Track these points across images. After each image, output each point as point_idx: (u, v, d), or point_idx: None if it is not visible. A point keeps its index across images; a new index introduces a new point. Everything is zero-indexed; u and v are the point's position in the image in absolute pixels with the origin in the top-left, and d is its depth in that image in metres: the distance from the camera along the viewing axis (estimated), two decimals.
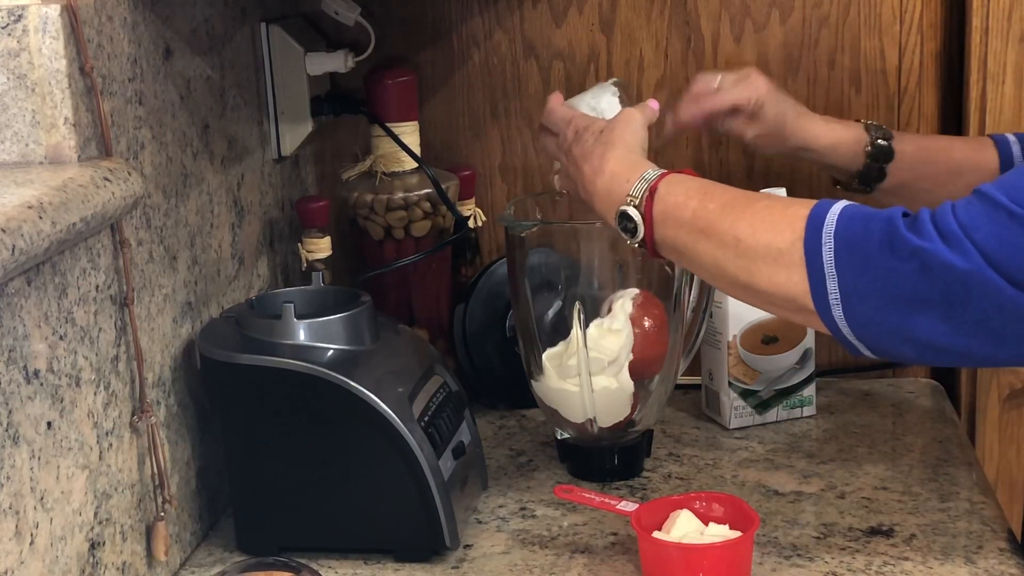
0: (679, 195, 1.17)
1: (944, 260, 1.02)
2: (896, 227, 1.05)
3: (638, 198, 1.18)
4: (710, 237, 1.14)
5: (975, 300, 1.02)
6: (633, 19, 1.65)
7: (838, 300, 1.07)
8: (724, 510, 1.22)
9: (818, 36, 1.63)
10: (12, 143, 1.04)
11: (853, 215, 1.08)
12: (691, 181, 1.19)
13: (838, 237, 1.06)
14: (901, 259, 1.04)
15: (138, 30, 1.19)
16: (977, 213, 1.03)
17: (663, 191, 1.17)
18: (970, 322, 1.03)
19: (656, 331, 1.39)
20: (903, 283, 1.04)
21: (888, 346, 1.08)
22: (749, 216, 1.13)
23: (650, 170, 1.20)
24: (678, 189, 1.17)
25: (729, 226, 1.13)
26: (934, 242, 1.03)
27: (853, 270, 1.06)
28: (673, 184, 1.18)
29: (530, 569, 1.25)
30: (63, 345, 1.04)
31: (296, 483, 1.27)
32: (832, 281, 1.06)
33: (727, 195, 1.16)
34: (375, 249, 1.59)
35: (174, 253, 1.27)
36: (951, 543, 1.26)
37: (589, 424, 1.41)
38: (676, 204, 1.16)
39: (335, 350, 1.26)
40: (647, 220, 1.17)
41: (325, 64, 1.56)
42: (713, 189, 1.17)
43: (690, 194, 1.16)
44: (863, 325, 1.07)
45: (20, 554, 0.97)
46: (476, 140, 1.71)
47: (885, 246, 1.04)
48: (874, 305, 1.05)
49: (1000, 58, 1.56)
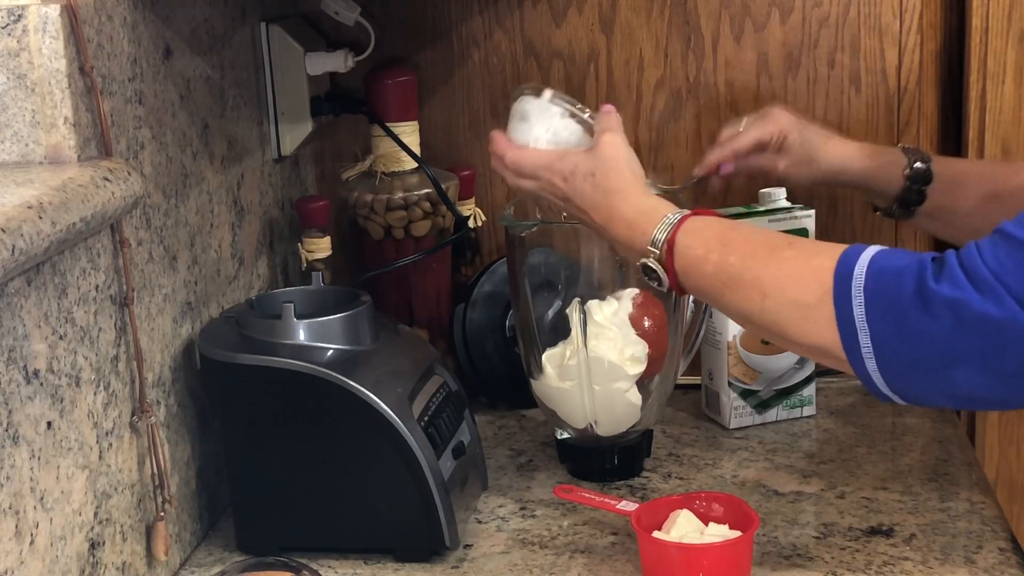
0: (698, 247, 1.13)
1: (978, 311, 0.98)
2: (926, 278, 1.01)
3: (658, 250, 1.14)
4: (735, 291, 1.11)
5: (1012, 349, 0.99)
6: (633, 19, 1.65)
7: (871, 354, 1.03)
8: (724, 510, 1.22)
9: (818, 36, 1.63)
10: (12, 143, 1.04)
11: (883, 268, 1.03)
12: (709, 229, 1.14)
13: (868, 291, 1.03)
14: (935, 316, 1.00)
15: (138, 30, 1.19)
16: (1005, 255, 0.99)
17: (682, 243, 1.13)
18: (1009, 371, 1.00)
19: (656, 331, 1.39)
20: (939, 341, 1.00)
21: (925, 399, 1.06)
22: (774, 269, 1.09)
23: (667, 215, 1.15)
24: (697, 241, 1.13)
25: (753, 280, 1.09)
26: (966, 291, 0.99)
27: (886, 326, 1.02)
28: (691, 235, 1.13)
29: (530, 569, 1.25)
30: (63, 345, 1.04)
31: (296, 483, 1.27)
32: (864, 335, 1.03)
33: (747, 243, 1.12)
34: (375, 249, 1.59)
35: (174, 253, 1.27)
36: (951, 543, 1.26)
37: (589, 426, 1.41)
38: (696, 257, 1.12)
39: (335, 350, 1.26)
40: (670, 272, 1.14)
41: (325, 64, 1.56)
42: (733, 237, 1.13)
43: (710, 245, 1.12)
44: (898, 378, 1.04)
45: (20, 554, 0.97)
46: (476, 140, 1.71)
47: (917, 301, 1.00)
48: (909, 361, 1.02)
49: (1000, 58, 1.56)
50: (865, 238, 1.66)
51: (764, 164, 1.40)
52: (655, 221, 1.15)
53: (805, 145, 1.39)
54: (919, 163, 1.38)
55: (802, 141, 1.39)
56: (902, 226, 1.65)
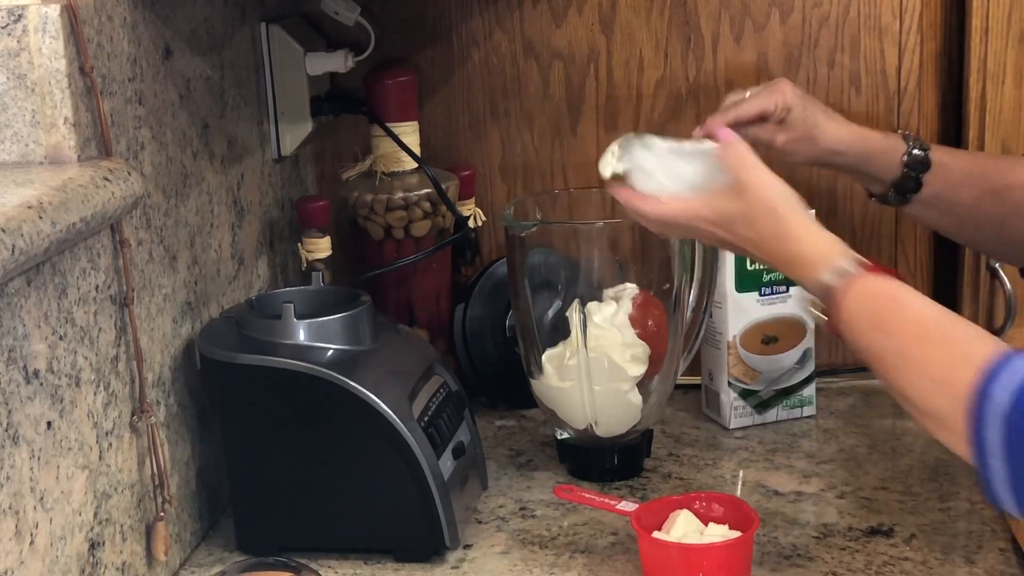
0: (862, 320, 1.09)
1: None
2: None
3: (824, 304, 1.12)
4: (883, 374, 1.08)
5: None
6: (633, 19, 1.65)
7: (1005, 480, 0.96)
8: (724, 510, 1.22)
9: (818, 36, 1.63)
10: (12, 143, 1.04)
11: None
12: (876, 303, 1.09)
13: (1011, 425, 0.93)
14: None
15: (138, 30, 1.19)
16: None
17: (846, 308, 1.09)
18: None
19: (656, 331, 1.39)
20: None
21: None
22: (917, 366, 1.04)
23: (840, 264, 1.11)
24: (862, 313, 1.09)
25: (897, 377, 1.06)
26: None
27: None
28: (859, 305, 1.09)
29: (530, 569, 1.25)
30: (63, 345, 1.04)
31: (296, 483, 1.27)
32: (995, 460, 0.95)
33: (902, 331, 1.07)
34: (375, 249, 1.59)
35: (174, 253, 1.27)
36: (951, 543, 1.26)
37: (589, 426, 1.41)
38: (858, 328, 1.09)
39: (335, 350, 1.26)
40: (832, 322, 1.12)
41: (325, 64, 1.56)
42: (893, 318, 1.08)
43: (872, 322, 1.08)
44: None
45: (20, 554, 0.97)
46: (476, 140, 1.71)
47: None
48: None
49: (1000, 58, 1.55)
50: (865, 238, 1.66)
51: (763, 136, 1.39)
52: (826, 267, 1.11)
53: (807, 122, 1.39)
54: (918, 150, 1.38)
55: (804, 117, 1.38)
56: (902, 225, 1.65)
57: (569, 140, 1.69)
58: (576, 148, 1.69)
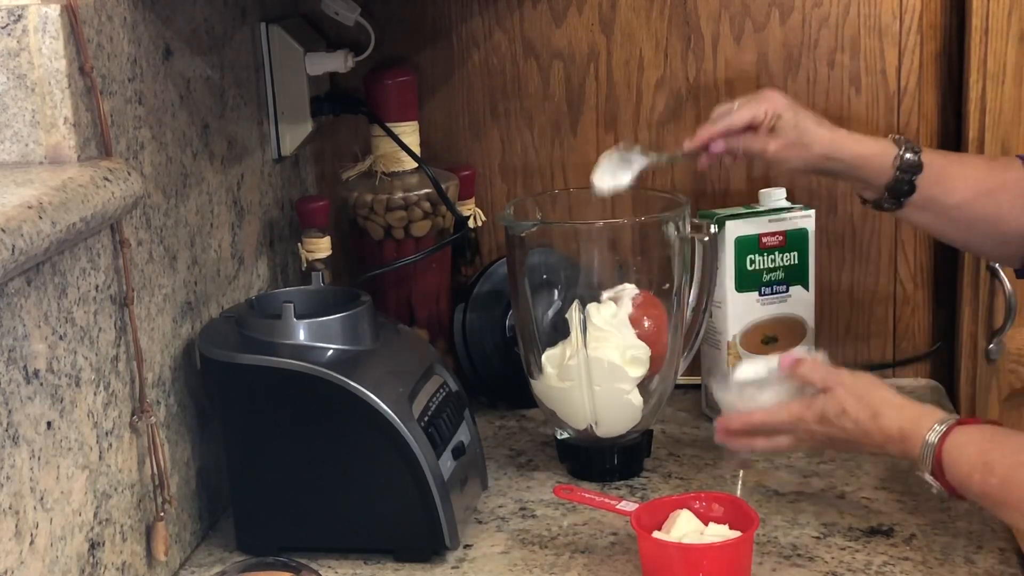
0: (963, 466, 1.16)
1: None
2: None
3: (928, 465, 1.18)
4: (1001, 511, 1.15)
5: None
6: (633, 19, 1.65)
7: None
8: (724, 510, 1.22)
9: (818, 36, 1.63)
10: (12, 143, 1.04)
11: None
12: (971, 445, 1.17)
13: None
14: None
15: (138, 30, 1.19)
16: None
17: (948, 461, 1.17)
18: None
19: (656, 331, 1.39)
20: None
21: None
22: None
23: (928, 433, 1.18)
24: (961, 460, 1.16)
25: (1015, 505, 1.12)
26: None
27: None
28: (954, 452, 1.17)
29: (530, 569, 1.25)
30: (63, 345, 1.04)
31: (296, 483, 1.27)
32: None
33: (1007, 461, 1.14)
34: (375, 249, 1.59)
35: (174, 253, 1.27)
36: (951, 543, 1.26)
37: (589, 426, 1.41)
38: (963, 476, 1.16)
39: (335, 350, 1.26)
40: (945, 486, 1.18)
41: (325, 64, 1.57)
42: (994, 457, 1.15)
43: (973, 465, 1.15)
44: None
45: (20, 554, 0.97)
46: (476, 140, 1.71)
47: None
48: None
49: (1000, 58, 1.56)
50: (865, 238, 1.66)
51: (754, 145, 1.39)
52: (918, 439, 1.19)
53: (797, 128, 1.39)
54: (910, 154, 1.38)
55: (794, 124, 1.39)
56: (902, 227, 1.65)
57: (569, 140, 1.69)
58: (576, 148, 1.69)
